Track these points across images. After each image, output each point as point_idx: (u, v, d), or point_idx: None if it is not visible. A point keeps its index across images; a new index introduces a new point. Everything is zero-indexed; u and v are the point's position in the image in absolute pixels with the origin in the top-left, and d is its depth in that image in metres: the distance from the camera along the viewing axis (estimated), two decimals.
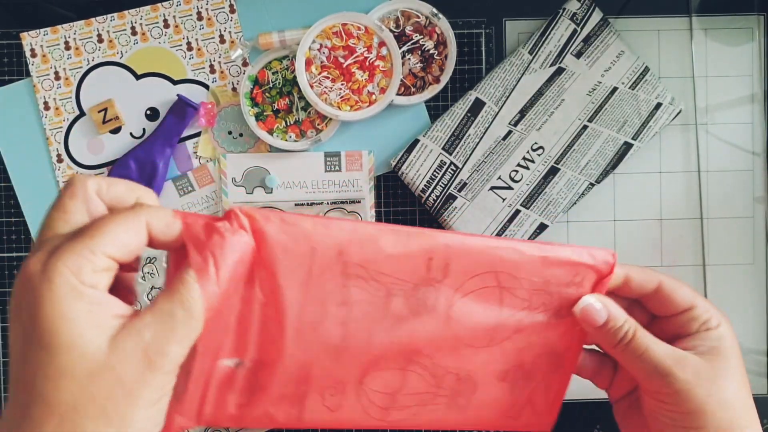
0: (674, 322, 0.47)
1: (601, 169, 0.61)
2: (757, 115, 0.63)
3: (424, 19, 0.61)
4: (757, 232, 0.64)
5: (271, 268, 0.40)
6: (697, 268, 0.63)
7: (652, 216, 0.63)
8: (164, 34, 0.61)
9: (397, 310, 0.43)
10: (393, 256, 0.42)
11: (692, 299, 0.46)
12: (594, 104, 0.61)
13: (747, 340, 0.63)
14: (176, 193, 0.61)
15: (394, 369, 0.44)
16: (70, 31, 0.61)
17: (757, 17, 0.63)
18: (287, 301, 0.41)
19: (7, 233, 0.62)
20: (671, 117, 0.61)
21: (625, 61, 0.61)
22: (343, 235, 0.41)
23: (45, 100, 0.61)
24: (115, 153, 0.62)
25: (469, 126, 0.61)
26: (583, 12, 0.61)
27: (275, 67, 0.61)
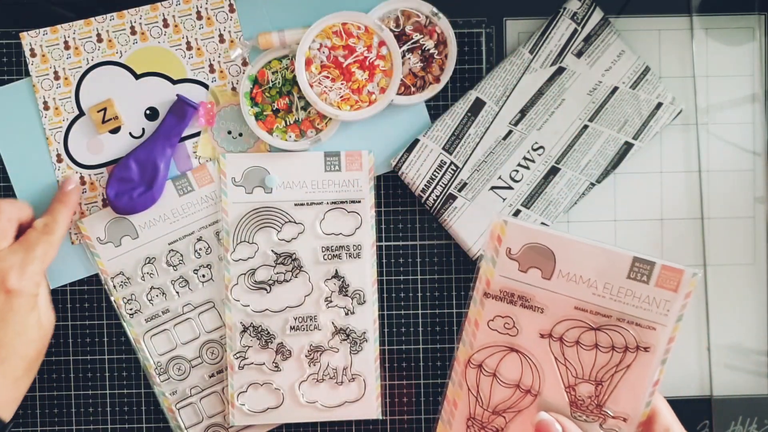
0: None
1: (602, 169, 0.61)
2: (758, 115, 0.63)
3: (425, 18, 0.61)
4: (757, 232, 0.63)
5: None
6: (698, 268, 0.63)
7: (652, 216, 0.63)
8: (164, 33, 0.61)
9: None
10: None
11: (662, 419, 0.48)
12: (595, 104, 0.61)
13: (747, 339, 0.63)
14: (176, 193, 0.61)
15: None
16: (70, 30, 0.61)
17: (757, 17, 0.63)
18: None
19: None
20: (672, 117, 0.61)
21: (626, 60, 0.61)
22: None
23: (44, 100, 0.61)
24: (115, 153, 0.62)
25: (469, 126, 0.61)
26: (583, 11, 0.61)
27: (275, 66, 0.61)
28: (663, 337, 0.47)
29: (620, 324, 0.48)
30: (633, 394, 0.48)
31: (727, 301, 0.63)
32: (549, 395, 0.49)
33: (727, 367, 0.64)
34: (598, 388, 0.49)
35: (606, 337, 0.48)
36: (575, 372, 0.49)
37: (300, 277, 0.61)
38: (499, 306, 0.50)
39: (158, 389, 0.62)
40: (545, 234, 0.49)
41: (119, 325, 0.62)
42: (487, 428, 0.50)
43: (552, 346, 0.49)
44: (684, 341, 0.63)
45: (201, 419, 0.62)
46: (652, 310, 0.47)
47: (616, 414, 0.48)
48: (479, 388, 0.50)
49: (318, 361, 0.62)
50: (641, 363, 0.48)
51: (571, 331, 0.49)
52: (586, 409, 0.49)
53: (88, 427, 0.63)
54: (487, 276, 0.50)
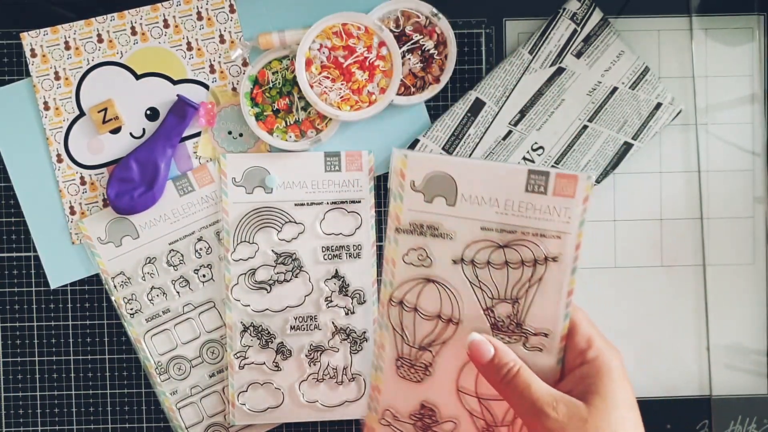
0: (570, 356, 0.48)
1: (602, 169, 0.61)
2: (757, 115, 0.63)
3: (424, 19, 0.61)
4: (757, 232, 0.64)
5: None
6: (697, 268, 0.63)
7: (652, 216, 0.63)
8: (164, 34, 0.61)
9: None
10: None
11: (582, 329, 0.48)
12: (594, 104, 0.61)
13: (746, 339, 0.64)
14: (176, 193, 0.61)
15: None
16: (70, 31, 0.61)
17: (757, 17, 0.63)
18: None
19: (7, 233, 0.62)
20: (671, 117, 0.61)
21: (626, 61, 0.61)
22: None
23: (45, 100, 0.61)
24: (115, 153, 0.62)
25: (469, 126, 0.61)
26: (583, 12, 0.61)
27: (275, 67, 0.61)
28: (569, 245, 0.48)
29: (526, 238, 0.48)
30: (549, 308, 0.48)
31: (727, 301, 0.63)
32: (470, 321, 0.49)
33: (726, 366, 0.64)
34: (515, 307, 0.49)
35: (514, 254, 0.48)
36: (491, 293, 0.49)
37: (300, 277, 0.62)
38: (411, 239, 0.49)
39: (159, 389, 0.62)
40: (443, 161, 0.49)
41: (120, 325, 0.62)
42: (415, 366, 0.50)
43: (465, 270, 0.49)
44: (683, 341, 0.64)
45: (201, 419, 0.62)
46: (554, 220, 0.48)
47: (537, 330, 0.48)
48: (403, 325, 0.50)
49: (318, 360, 0.62)
50: (552, 275, 0.48)
51: (480, 252, 0.49)
52: (507, 330, 0.49)
53: (89, 427, 0.63)
54: (396, 212, 0.50)
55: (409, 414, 0.51)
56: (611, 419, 0.44)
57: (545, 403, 0.44)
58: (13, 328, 0.62)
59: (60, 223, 0.62)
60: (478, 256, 0.49)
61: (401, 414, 0.51)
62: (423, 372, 0.50)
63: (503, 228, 0.48)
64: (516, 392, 0.45)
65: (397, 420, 0.51)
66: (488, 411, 0.50)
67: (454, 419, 0.50)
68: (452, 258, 0.49)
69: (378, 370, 0.51)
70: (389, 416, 0.51)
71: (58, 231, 0.62)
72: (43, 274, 0.62)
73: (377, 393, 0.51)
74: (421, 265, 0.50)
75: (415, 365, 0.50)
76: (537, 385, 0.45)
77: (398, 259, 0.50)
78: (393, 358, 0.51)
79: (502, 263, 0.49)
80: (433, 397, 0.50)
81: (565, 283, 0.48)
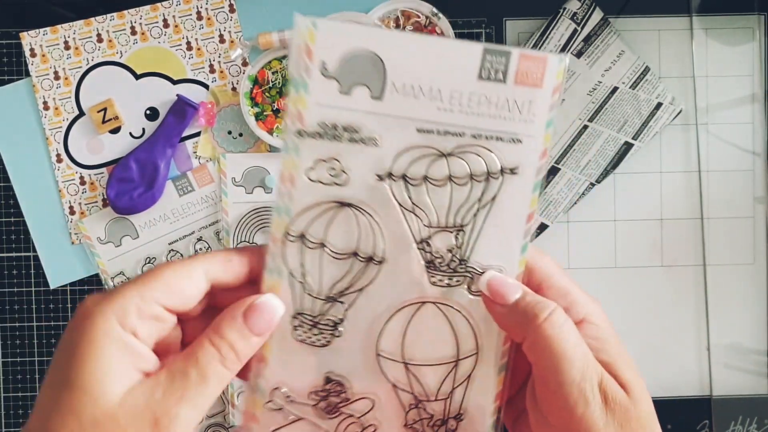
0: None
1: (602, 169, 0.61)
2: (758, 115, 0.63)
3: (424, 18, 0.61)
4: (757, 232, 0.63)
5: None
6: (698, 267, 0.63)
7: (652, 216, 0.63)
8: (164, 33, 0.61)
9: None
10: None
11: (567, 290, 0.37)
12: (594, 104, 0.61)
13: (747, 339, 0.63)
14: (176, 193, 0.61)
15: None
16: (70, 30, 0.61)
17: (757, 17, 0.63)
18: None
19: (6, 233, 0.62)
20: (672, 117, 0.61)
21: (626, 60, 0.61)
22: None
23: (44, 100, 0.61)
24: (115, 153, 0.62)
25: None
26: (583, 12, 0.61)
27: (275, 66, 0.61)
28: (532, 152, 0.36)
29: (476, 143, 0.36)
30: (503, 237, 0.36)
31: (727, 301, 0.63)
32: (397, 259, 0.36)
33: (726, 366, 0.64)
34: (458, 238, 0.37)
35: (461, 165, 0.36)
36: (428, 219, 0.36)
37: None
38: (319, 146, 0.36)
39: None
40: (368, 34, 0.36)
41: None
42: (320, 324, 0.37)
43: (394, 189, 0.36)
44: (684, 341, 0.63)
45: (201, 419, 0.62)
46: (513, 118, 0.36)
47: (486, 269, 0.36)
48: (304, 269, 0.36)
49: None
50: (509, 192, 0.36)
51: (416, 164, 0.36)
52: (447, 270, 0.37)
53: None
54: (297, 108, 0.35)
55: (308, 392, 0.37)
56: (646, 405, 0.34)
57: (586, 386, 0.33)
58: (12, 328, 0.62)
59: (60, 223, 0.62)
60: (412, 169, 0.36)
61: (297, 392, 0.37)
62: (330, 332, 0.37)
63: (447, 130, 0.36)
64: (560, 348, 0.33)
65: (291, 401, 0.37)
66: (418, 381, 0.37)
67: (371, 395, 0.37)
68: (376, 172, 0.36)
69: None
70: (280, 397, 0.37)
71: (58, 231, 0.62)
72: (43, 274, 0.62)
73: (262, 365, 0.36)
74: (333, 184, 0.36)
75: (319, 324, 0.37)
76: (583, 347, 0.33)
77: (299, 175, 0.36)
78: (288, 314, 0.36)
79: (444, 178, 0.36)
80: (343, 366, 0.37)
81: (524, 203, 0.36)
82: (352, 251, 0.36)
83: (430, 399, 0.37)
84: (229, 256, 0.35)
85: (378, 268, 0.37)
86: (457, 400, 0.37)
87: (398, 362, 0.37)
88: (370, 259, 0.37)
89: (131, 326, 0.32)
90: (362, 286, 0.37)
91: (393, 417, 0.37)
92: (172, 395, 0.32)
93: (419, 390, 0.37)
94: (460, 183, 0.36)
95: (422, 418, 0.37)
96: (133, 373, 0.32)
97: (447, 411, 0.37)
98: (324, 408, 0.37)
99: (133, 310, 0.32)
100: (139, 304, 0.32)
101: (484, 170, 0.36)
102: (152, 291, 0.32)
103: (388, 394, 0.37)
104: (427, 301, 0.37)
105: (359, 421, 0.37)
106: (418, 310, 0.37)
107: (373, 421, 0.37)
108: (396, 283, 0.36)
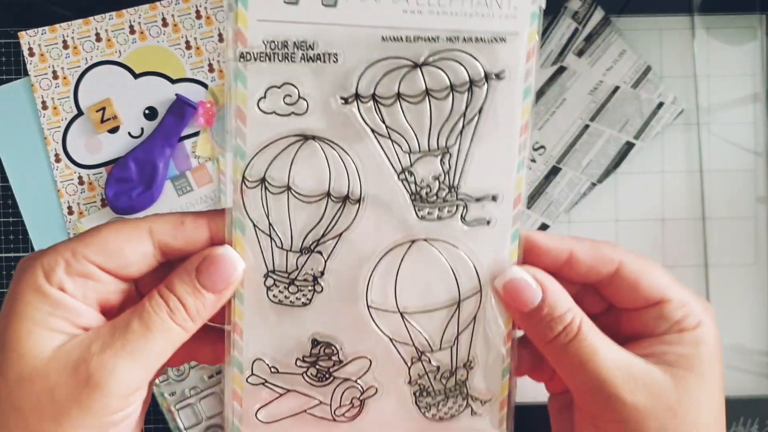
0: (638, 318, 0.34)
1: (603, 169, 0.61)
2: (760, 115, 0.63)
3: None
4: (759, 233, 0.63)
5: None
6: (699, 268, 0.63)
7: (653, 216, 0.63)
8: (163, 32, 0.61)
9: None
10: None
11: (664, 289, 0.34)
12: (596, 103, 0.61)
13: (749, 340, 0.63)
14: (175, 193, 0.61)
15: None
16: (69, 30, 0.61)
17: (759, 16, 0.63)
18: None
19: (4, 233, 0.62)
20: (673, 116, 0.61)
21: (627, 60, 0.61)
22: None
23: (43, 100, 0.61)
24: (114, 152, 0.61)
25: None
26: (584, 10, 0.60)
27: None
28: (518, 52, 0.30)
29: (453, 47, 0.30)
30: (495, 155, 0.32)
31: (729, 301, 0.63)
32: (377, 195, 0.32)
33: (728, 367, 0.63)
34: (445, 162, 0.32)
35: (438, 75, 0.31)
36: (407, 145, 0.32)
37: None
38: (269, 70, 0.30)
39: (157, 390, 0.62)
40: None
41: None
42: (297, 281, 0.32)
43: (363, 112, 0.31)
44: None
45: (200, 420, 0.62)
46: (493, 14, 0.30)
47: (480, 194, 0.32)
48: (270, 218, 0.32)
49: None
50: (497, 101, 0.31)
51: (385, 80, 0.31)
52: (436, 200, 0.32)
53: None
54: (238, 27, 0.30)
55: (294, 359, 0.33)
56: (711, 403, 0.31)
57: (619, 383, 0.30)
58: None
59: (58, 223, 0.62)
60: (382, 86, 0.31)
61: (282, 361, 0.33)
62: (310, 289, 0.32)
63: (417, 35, 0.30)
64: (575, 361, 0.31)
65: (276, 373, 0.33)
66: (418, 331, 0.33)
67: (367, 354, 0.33)
68: (341, 95, 0.31)
69: (237, 299, 0.32)
70: (262, 369, 0.33)
71: (57, 231, 0.62)
72: None
73: (238, 336, 0.32)
74: (291, 114, 0.31)
75: (296, 281, 0.32)
76: (605, 353, 0.31)
77: (249, 108, 0.31)
78: (259, 274, 0.32)
79: (421, 93, 0.31)
80: (330, 325, 0.33)
81: (515, 113, 0.31)
82: (323, 192, 0.32)
83: (434, 349, 0.33)
84: (181, 219, 0.31)
85: (356, 209, 0.32)
86: (464, 347, 0.33)
87: (393, 313, 0.32)
88: (345, 198, 0.32)
89: (58, 281, 0.30)
90: (341, 232, 0.32)
91: (395, 375, 0.33)
92: (111, 348, 0.29)
93: (420, 341, 0.33)
94: (440, 97, 0.31)
95: (428, 372, 0.33)
96: (71, 329, 0.30)
97: (455, 360, 0.33)
98: (315, 375, 0.33)
99: (62, 265, 0.30)
100: (69, 259, 0.30)
101: (466, 78, 0.31)
102: (85, 248, 0.30)
103: (386, 350, 0.33)
104: (417, 239, 0.32)
105: (357, 384, 0.33)
106: (408, 250, 0.32)
107: (373, 383, 0.33)
108: (379, 223, 0.32)
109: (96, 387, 0.28)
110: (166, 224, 0.31)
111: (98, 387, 0.28)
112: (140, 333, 0.30)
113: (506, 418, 0.34)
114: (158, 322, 0.30)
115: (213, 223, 0.32)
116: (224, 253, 0.31)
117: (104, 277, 0.31)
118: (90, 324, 0.31)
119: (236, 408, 0.33)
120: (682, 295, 0.34)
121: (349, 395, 0.33)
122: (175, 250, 0.32)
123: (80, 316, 0.30)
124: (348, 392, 0.33)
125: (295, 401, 0.33)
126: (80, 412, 0.28)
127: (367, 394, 0.33)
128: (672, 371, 0.31)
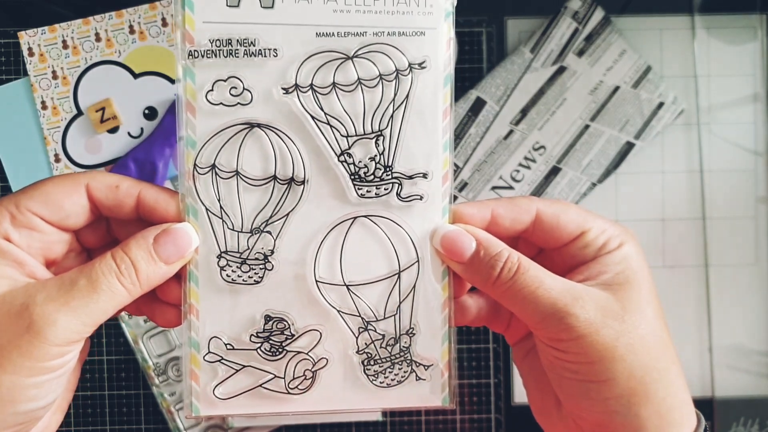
0: (567, 252, 0.36)
1: (603, 169, 0.61)
2: (760, 115, 0.63)
3: None
4: (759, 232, 0.63)
5: None
6: (700, 268, 0.63)
7: (654, 216, 0.63)
8: (162, 32, 0.61)
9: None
10: None
11: (582, 222, 0.36)
12: (596, 103, 0.61)
13: (749, 340, 0.63)
14: None
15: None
16: (68, 30, 0.61)
17: (759, 16, 0.63)
18: None
19: None
20: (673, 116, 0.61)
21: (627, 60, 0.61)
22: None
23: (42, 100, 0.61)
24: (113, 152, 0.61)
25: (470, 125, 0.61)
26: (584, 10, 0.60)
27: None
28: (437, 44, 0.35)
29: (380, 40, 0.35)
30: (423, 137, 0.35)
31: (729, 301, 0.63)
32: (320, 176, 0.35)
33: (728, 367, 0.63)
34: (379, 144, 0.36)
35: (368, 65, 0.35)
36: (344, 129, 0.35)
37: None
38: (216, 66, 0.34)
39: (157, 390, 0.62)
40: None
41: (118, 325, 0.62)
42: (249, 260, 0.35)
43: (303, 100, 0.35)
44: (685, 341, 0.63)
45: (200, 420, 0.62)
46: (412, 12, 0.35)
47: (412, 172, 0.36)
48: (221, 202, 0.35)
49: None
50: (421, 88, 0.35)
51: (321, 71, 0.35)
52: (373, 179, 0.36)
53: (87, 428, 0.62)
54: (186, 28, 0.34)
55: (249, 335, 0.35)
56: (650, 310, 0.35)
57: (569, 302, 0.33)
58: None
59: None
60: (318, 77, 0.35)
61: (237, 338, 0.35)
62: (261, 267, 0.35)
63: (347, 30, 0.35)
64: (521, 295, 0.33)
65: (231, 350, 0.35)
66: (363, 302, 0.36)
67: (317, 326, 0.36)
68: (282, 85, 0.35)
69: (192, 281, 0.35)
70: (218, 347, 0.35)
71: None
72: None
73: (194, 317, 0.35)
74: (237, 104, 0.35)
75: (247, 260, 0.35)
76: (550, 281, 0.34)
77: (198, 100, 0.34)
78: (213, 255, 0.35)
79: (354, 82, 0.35)
80: (281, 301, 0.35)
81: (438, 99, 0.35)
82: (270, 175, 0.35)
83: (378, 318, 0.36)
84: (118, 182, 0.34)
85: (301, 190, 0.35)
86: (406, 315, 0.36)
87: (339, 286, 0.35)
88: (290, 181, 0.35)
89: (4, 232, 0.32)
90: (288, 212, 0.35)
91: (343, 345, 0.36)
92: (55, 301, 0.31)
93: (366, 312, 0.36)
94: (371, 85, 0.35)
95: (374, 341, 0.36)
96: (17, 276, 0.32)
97: (398, 328, 0.36)
98: (269, 350, 0.36)
99: (6, 217, 0.32)
100: (13, 211, 0.32)
101: (393, 68, 0.35)
102: (28, 200, 0.32)
103: (334, 322, 0.36)
104: (358, 216, 0.35)
105: (309, 356, 0.36)
106: (351, 227, 0.35)
107: (324, 354, 0.36)
108: (322, 202, 0.35)
109: (36, 334, 0.30)
110: (102, 183, 0.34)
111: (38, 335, 0.30)
112: (86, 292, 0.31)
113: (449, 384, 0.36)
114: (105, 282, 0.32)
115: (149, 195, 0.34)
116: (182, 228, 0.34)
117: (47, 228, 0.33)
118: (34, 272, 0.33)
119: (194, 387, 0.35)
120: (600, 223, 0.37)
121: (302, 368, 0.36)
122: (105, 208, 0.34)
123: (25, 265, 0.32)
124: (301, 365, 0.36)
125: (251, 377, 0.36)
126: (19, 355, 0.30)
127: (318, 365, 0.36)
128: (609, 288, 0.34)
